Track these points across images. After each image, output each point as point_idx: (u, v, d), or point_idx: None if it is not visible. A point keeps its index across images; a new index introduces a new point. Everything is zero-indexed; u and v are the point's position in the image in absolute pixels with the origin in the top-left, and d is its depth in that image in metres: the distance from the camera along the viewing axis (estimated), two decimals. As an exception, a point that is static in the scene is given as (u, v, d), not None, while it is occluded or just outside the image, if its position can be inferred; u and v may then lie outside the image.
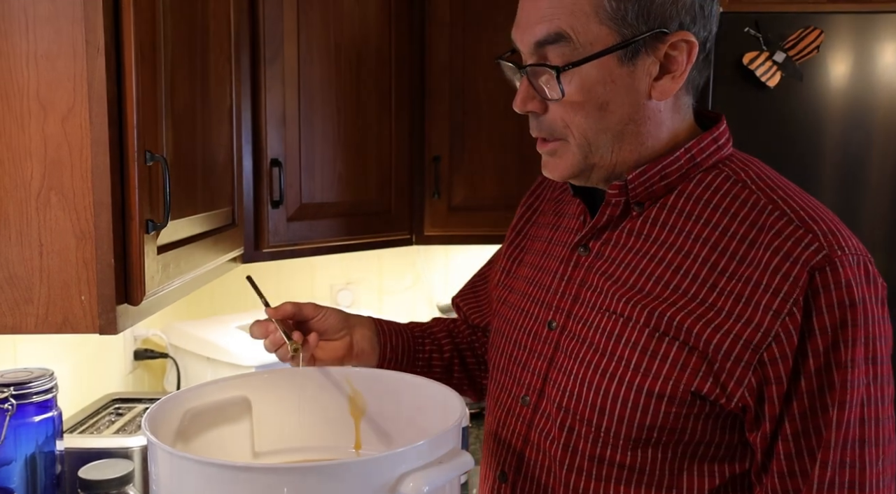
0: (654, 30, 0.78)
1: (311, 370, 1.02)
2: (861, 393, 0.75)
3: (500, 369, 0.97)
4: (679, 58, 0.80)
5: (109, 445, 1.25)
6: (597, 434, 0.83)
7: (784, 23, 1.49)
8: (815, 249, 0.75)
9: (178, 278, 1.07)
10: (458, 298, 1.19)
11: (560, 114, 0.82)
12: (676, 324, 0.78)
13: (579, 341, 0.85)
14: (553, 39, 0.79)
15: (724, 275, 0.77)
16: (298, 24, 1.56)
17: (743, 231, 0.78)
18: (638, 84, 0.80)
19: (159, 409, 0.84)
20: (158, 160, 0.95)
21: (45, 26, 0.87)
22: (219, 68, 1.29)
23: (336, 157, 1.67)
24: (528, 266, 0.99)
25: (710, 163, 0.84)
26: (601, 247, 0.87)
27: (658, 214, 0.84)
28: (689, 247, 0.81)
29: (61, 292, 0.89)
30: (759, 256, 0.76)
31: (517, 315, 0.95)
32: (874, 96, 1.55)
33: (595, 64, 0.79)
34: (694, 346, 0.77)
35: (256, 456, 0.97)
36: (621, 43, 0.78)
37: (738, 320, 0.75)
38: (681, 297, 0.79)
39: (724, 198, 0.81)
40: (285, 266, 2.16)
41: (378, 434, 1.00)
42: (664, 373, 0.78)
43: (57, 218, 0.89)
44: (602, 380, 0.82)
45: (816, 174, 1.59)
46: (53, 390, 1.09)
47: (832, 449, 0.75)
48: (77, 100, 0.87)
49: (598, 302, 0.85)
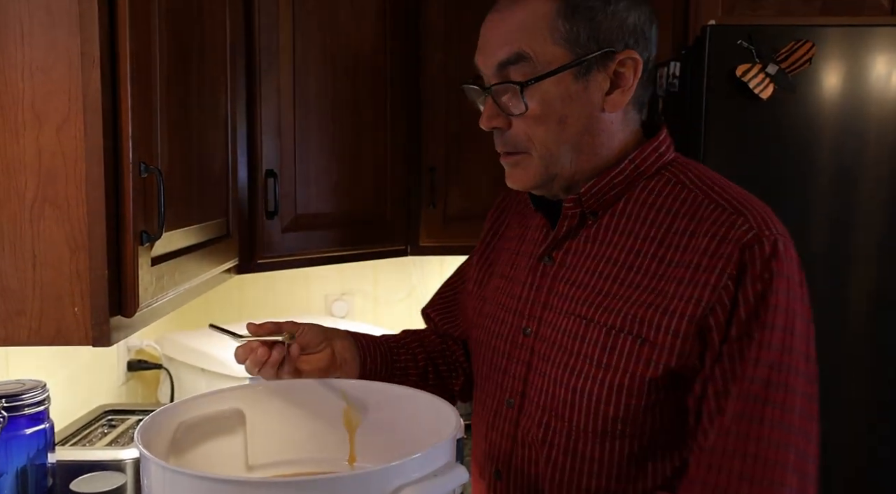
0: (604, 49, 0.88)
1: (306, 382, 1.01)
2: (772, 357, 0.81)
3: (484, 376, 1.04)
4: (627, 73, 0.89)
5: (102, 457, 1.24)
6: (569, 429, 0.90)
7: (777, 35, 1.50)
8: (746, 229, 0.83)
9: (172, 289, 1.06)
10: (428, 309, 1.23)
11: (523, 129, 0.90)
12: (630, 319, 0.86)
13: (550, 344, 0.93)
14: (515, 60, 0.88)
15: (670, 266, 0.86)
16: (294, 35, 1.57)
17: (684, 225, 0.87)
18: (592, 98, 0.89)
19: (152, 422, 0.83)
20: (153, 171, 0.95)
21: (40, 37, 0.87)
22: (214, 79, 1.29)
23: (331, 168, 1.67)
24: (498, 276, 1.06)
25: (654, 170, 0.93)
26: (563, 256, 0.96)
27: (610, 221, 0.93)
28: (638, 247, 0.89)
29: (54, 304, 0.89)
30: (698, 243, 0.84)
31: (493, 324, 1.02)
32: (866, 108, 1.56)
33: (553, 80, 0.87)
34: (646, 338, 0.85)
35: (250, 469, 0.96)
36: (575, 61, 0.87)
37: (681, 299, 0.83)
38: (633, 291, 0.87)
39: (666, 199, 0.90)
40: (280, 277, 2.16)
41: (372, 446, 0.99)
42: (622, 367, 0.86)
43: (51, 229, 0.88)
44: (571, 378, 0.90)
45: (809, 185, 1.59)
46: (45, 402, 1.09)
47: (734, 400, 0.81)
48: (72, 110, 0.87)
49: (564, 306, 0.93)
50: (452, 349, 1.19)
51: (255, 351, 0.98)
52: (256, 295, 2.16)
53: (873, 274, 1.63)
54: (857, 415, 1.69)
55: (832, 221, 1.61)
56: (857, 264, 1.63)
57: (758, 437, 0.80)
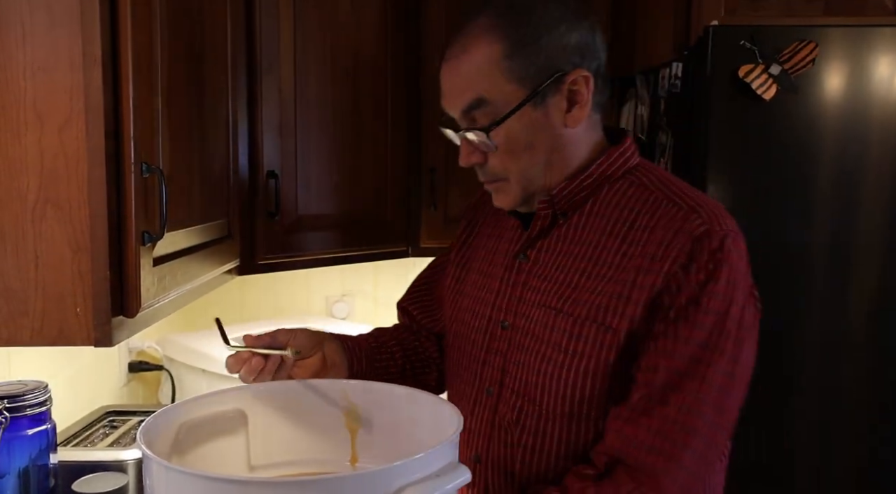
0: (554, 75, 0.94)
1: (308, 383, 1.01)
2: (702, 336, 0.89)
3: (463, 367, 1.09)
4: (581, 90, 0.96)
5: (103, 458, 1.24)
6: (540, 412, 0.97)
7: (779, 36, 1.49)
8: (699, 223, 0.91)
9: (174, 290, 1.06)
10: (406, 303, 1.28)
11: (498, 162, 0.98)
12: (595, 308, 0.93)
13: (526, 335, 1.00)
14: (476, 105, 0.95)
15: (632, 258, 0.93)
16: (295, 36, 1.57)
17: (645, 221, 0.94)
18: (553, 120, 0.96)
19: (154, 422, 0.83)
20: (155, 171, 0.95)
21: (42, 37, 0.87)
22: (216, 79, 1.29)
23: (332, 169, 1.67)
24: (476, 272, 1.12)
25: (620, 174, 1.00)
26: (537, 253, 1.02)
27: (579, 220, 1.00)
28: (604, 242, 0.96)
29: (57, 304, 0.89)
30: (656, 237, 0.92)
31: (472, 318, 1.08)
32: (869, 109, 1.55)
33: (515, 116, 0.94)
34: (609, 325, 0.92)
35: (252, 470, 0.96)
36: (531, 94, 0.94)
37: (639, 287, 0.91)
38: (598, 283, 0.94)
39: (630, 199, 0.97)
40: (280, 278, 2.16)
41: (374, 447, 0.99)
42: (587, 352, 0.93)
43: (53, 229, 0.88)
44: (542, 364, 0.97)
45: (812, 185, 1.59)
46: (47, 402, 1.08)
47: (662, 372, 0.89)
48: (74, 111, 0.87)
49: (538, 299, 1.00)
50: (425, 345, 1.23)
51: (250, 361, 0.99)
52: (257, 296, 2.16)
53: (875, 274, 1.63)
54: (858, 416, 1.68)
55: (834, 222, 1.60)
56: (859, 265, 1.63)
57: (675, 403, 0.88)
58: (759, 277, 0.95)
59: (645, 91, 1.81)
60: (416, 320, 1.26)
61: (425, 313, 1.25)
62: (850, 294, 1.64)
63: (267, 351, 1.00)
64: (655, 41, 1.82)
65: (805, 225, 1.59)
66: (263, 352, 1.00)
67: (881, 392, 1.68)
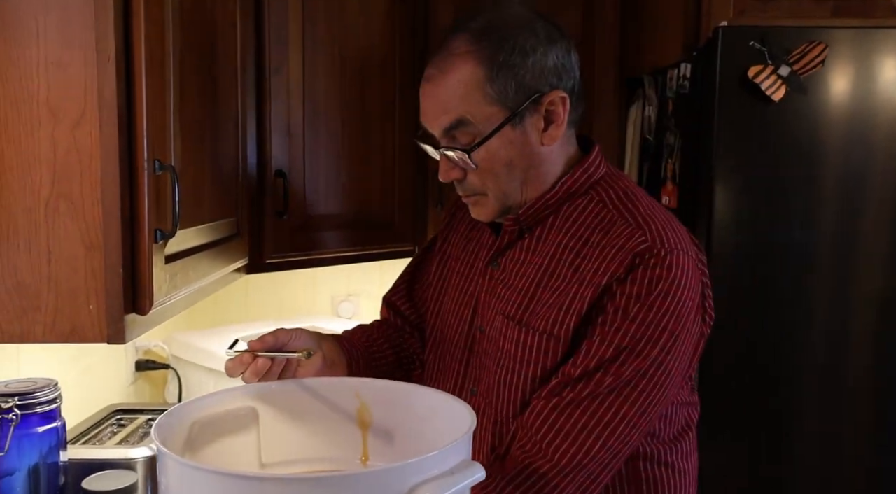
0: (532, 97, 0.97)
1: (319, 380, 1.01)
2: (622, 341, 0.92)
3: (445, 366, 1.13)
4: (557, 110, 0.99)
5: (113, 456, 1.23)
6: (496, 415, 1.02)
7: (789, 37, 1.49)
8: (641, 240, 0.95)
9: (185, 288, 1.06)
10: (394, 297, 1.29)
11: (477, 179, 1.01)
12: (542, 318, 0.98)
13: (491, 342, 1.05)
14: (456, 125, 0.98)
15: (578, 271, 0.98)
16: (304, 35, 1.57)
17: (597, 238, 0.98)
18: (530, 139, 1.00)
19: (168, 419, 0.83)
20: (167, 169, 0.95)
21: (55, 34, 0.87)
22: (225, 78, 1.29)
23: (340, 168, 1.67)
24: (456, 274, 1.16)
25: (584, 190, 1.04)
26: (506, 263, 1.07)
27: (541, 233, 1.04)
28: (560, 255, 1.00)
29: (69, 300, 0.89)
30: (603, 253, 0.96)
31: (454, 319, 1.12)
32: (876, 110, 1.55)
33: (495, 136, 0.97)
34: (551, 333, 0.97)
35: (263, 467, 0.96)
36: (510, 115, 0.97)
37: (579, 299, 0.96)
38: (550, 295, 0.99)
39: (587, 216, 1.01)
40: (286, 277, 2.16)
41: (385, 445, 0.98)
42: (533, 359, 0.98)
43: (66, 225, 0.88)
44: (500, 372, 1.02)
45: (820, 186, 1.59)
46: (58, 400, 1.08)
47: (577, 367, 0.94)
48: (87, 107, 0.87)
49: (498, 307, 1.04)
50: (409, 342, 1.26)
51: (256, 362, 0.99)
52: (262, 296, 2.16)
53: (880, 275, 1.63)
54: (862, 416, 1.68)
55: (842, 222, 1.60)
56: (864, 266, 1.63)
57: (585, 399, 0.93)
58: (764, 277, 0.96)
59: (653, 92, 1.81)
60: (402, 314, 1.27)
61: (409, 308, 1.27)
62: (855, 294, 1.63)
63: (278, 354, 0.99)
64: (664, 42, 1.82)
65: (812, 225, 1.58)
66: (272, 355, 0.99)
67: (886, 391, 1.68)
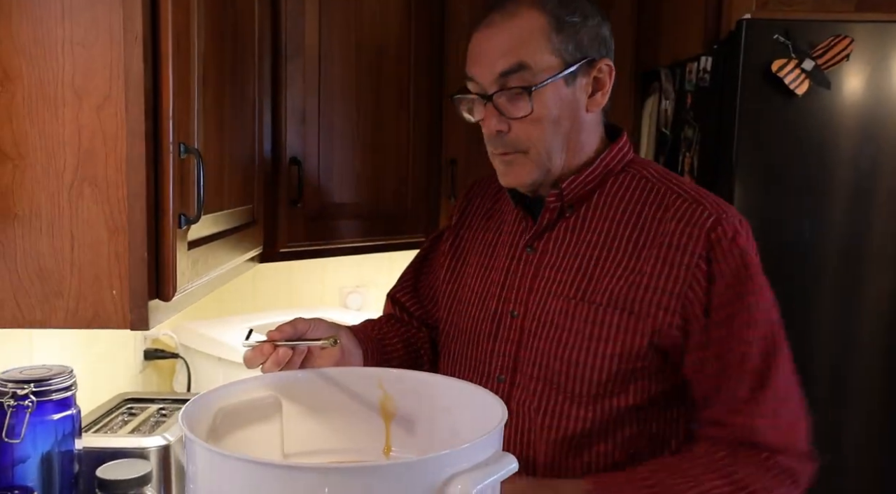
0: (587, 58, 1.01)
1: (342, 370, 1.00)
2: (758, 316, 0.96)
3: (465, 357, 1.12)
4: (604, 78, 1.04)
5: (126, 445, 1.22)
6: (565, 395, 1.02)
7: (812, 31, 1.48)
8: (707, 215, 0.98)
9: (206, 275, 1.04)
10: (399, 294, 1.29)
11: (523, 131, 1.01)
12: (615, 295, 0.99)
13: (541, 323, 1.04)
14: (516, 68, 0.99)
15: (644, 248, 0.99)
16: (320, 22, 1.55)
17: (653, 212, 1.01)
18: (578, 100, 1.03)
19: (194, 407, 0.81)
20: (192, 152, 0.93)
21: (81, 13, 0.85)
22: (244, 63, 1.27)
23: (354, 157, 1.65)
24: (474, 265, 1.15)
25: (620, 168, 1.07)
26: (544, 245, 1.07)
27: (586, 213, 1.05)
28: (614, 232, 1.02)
29: (92, 286, 0.87)
30: (667, 227, 0.99)
31: (473, 309, 1.11)
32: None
33: (550, 86, 0.99)
34: (630, 311, 0.98)
35: (286, 457, 0.95)
36: (566, 68, 1.00)
37: (659, 276, 0.97)
38: (614, 272, 1.00)
39: (634, 192, 1.04)
40: (296, 267, 2.14)
41: (408, 435, 0.97)
42: (612, 337, 0.99)
43: (90, 209, 0.86)
44: (565, 351, 1.01)
45: (841, 183, 1.58)
46: (73, 387, 1.07)
47: (727, 352, 0.96)
48: (113, 88, 0.85)
49: (551, 289, 1.04)
50: (417, 336, 1.25)
51: (277, 352, 0.98)
52: (271, 286, 2.15)
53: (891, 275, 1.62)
54: (869, 414, 1.68)
55: (861, 221, 1.59)
56: (877, 263, 1.62)
57: (773, 382, 0.96)
58: (781, 273, 0.97)
59: (670, 85, 1.79)
60: (408, 310, 1.27)
61: (417, 304, 1.27)
62: (869, 293, 1.62)
63: (300, 342, 0.98)
64: (683, 35, 1.80)
65: (835, 221, 1.57)
66: (295, 343, 0.98)
67: (892, 390, 1.67)
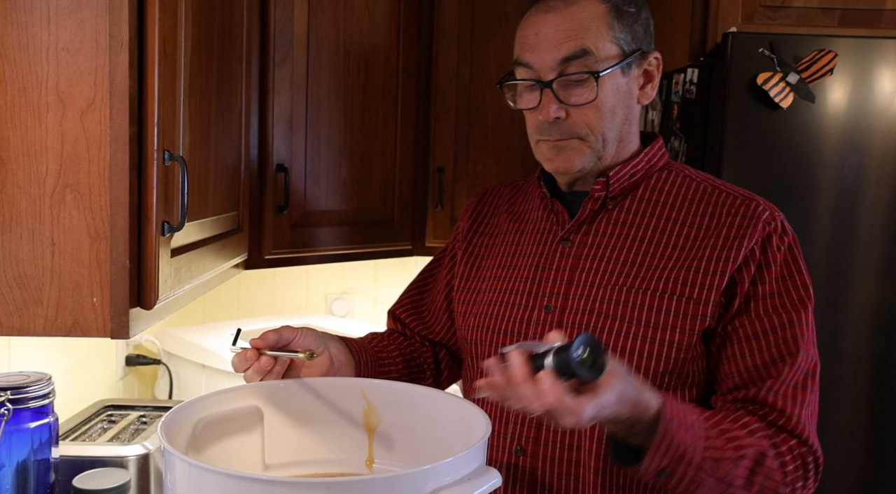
0: (641, 49, 1.02)
1: (325, 381, 0.99)
2: (808, 306, 0.98)
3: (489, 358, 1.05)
4: (653, 71, 1.04)
5: (104, 453, 1.20)
6: None
7: (797, 45, 1.50)
8: (762, 209, 1.00)
9: (189, 283, 1.03)
10: (399, 311, 1.27)
11: (581, 118, 1.00)
12: (672, 281, 0.98)
13: (585, 314, 1.01)
14: (579, 54, 0.98)
15: (696, 240, 1.00)
16: (308, 28, 1.54)
17: (702, 208, 1.02)
18: (632, 91, 1.03)
19: (174, 417, 0.80)
20: (177, 160, 0.92)
21: (66, 18, 0.84)
22: (232, 70, 1.27)
23: (341, 164, 1.64)
24: (494, 267, 1.12)
25: (661, 165, 1.08)
26: (582, 238, 1.05)
27: (630, 205, 1.05)
28: (662, 226, 1.02)
29: (72, 293, 0.86)
30: (722, 221, 1.00)
31: (501, 309, 1.08)
32: (881, 119, 1.56)
33: (610, 74, 0.99)
34: (689, 295, 0.97)
35: (267, 469, 0.94)
36: (625, 57, 1.00)
37: (717, 260, 0.97)
38: (667, 260, 0.99)
39: (679, 188, 1.05)
40: (280, 274, 2.13)
41: (390, 448, 0.97)
42: (671, 323, 0.97)
43: (71, 216, 0.85)
44: (618, 340, 0.98)
45: (826, 194, 1.59)
46: (51, 395, 1.05)
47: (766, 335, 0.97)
48: (98, 94, 0.84)
49: (595, 279, 1.02)
50: (420, 350, 1.24)
51: (259, 360, 0.96)
52: (255, 293, 2.13)
53: (875, 285, 1.63)
54: (853, 426, 1.69)
55: (852, 226, 1.60)
56: (861, 274, 1.63)
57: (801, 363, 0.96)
58: None
59: (657, 96, 1.80)
60: (409, 327, 1.26)
61: (418, 320, 1.25)
62: (853, 303, 1.64)
63: (281, 353, 0.97)
64: (671, 47, 1.81)
65: (819, 232, 1.58)
66: (276, 353, 0.97)
67: (875, 401, 1.68)
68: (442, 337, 1.24)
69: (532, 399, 0.75)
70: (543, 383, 0.75)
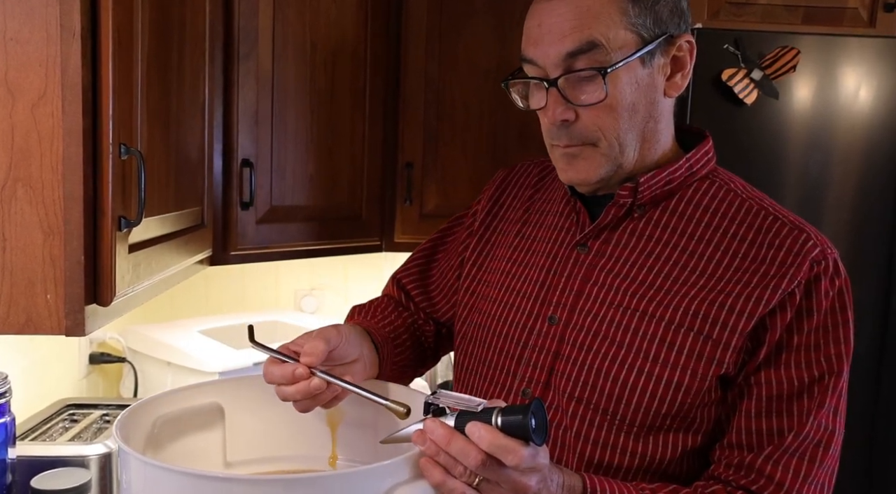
0: (666, 33, 0.87)
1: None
2: (844, 368, 0.86)
3: (488, 364, 0.99)
4: (684, 57, 0.89)
5: (64, 453, 1.18)
6: (612, 422, 0.88)
7: (762, 41, 1.51)
8: (812, 245, 0.86)
9: (148, 279, 1.02)
10: (406, 280, 1.16)
11: (592, 120, 0.87)
12: (692, 315, 0.85)
13: (589, 333, 0.90)
14: (587, 48, 0.85)
15: (729, 269, 0.86)
16: (274, 21, 1.53)
17: (742, 232, 0.88)
18: (656, 83, 0.89)
19: (131, 415, 0.79)
20: (134, 154, 0.90)
21: (15, 6, 0.82)
22: (194, 63, 1.25)
23: (308, 160, 1.63)
24: (503, 260, 1.02)
25: (704, 173, 0.94)
26: (601, 245, 0.93)
27: (660, 217, 0.91)
28: (692, 247, 0.89)
29: (25, 290, 0.84)
30: (762, 253, 0.86)
31: (503, 310, 0.98)
32: (842, 115, 1.58)
33: (624, 67, 0.85)
34: (709, 335, 0.84)
35: (228, 466, 0.93)
36: (644, 46, 0.86)
37: (748, 299, 0.84)
38: (689, 289, 0.86)
39: (720, 203, 0.91)
40: (249, 270, 2.10)
41: (355, 444, 0.96)
42: (682, 363, 0.85)
43: (23, 211, 0.83)
44: (620, 370, 0.87)
45: (791, 190, 1.61)
46: (7, 394, 1.03)
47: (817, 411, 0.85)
48: (49, 86, 0.82)
49: (606, 297, 0.90)
50: (423, 329, 1.14)
51: (310, 382, 0.83)
52: (223, 288, 2.11)
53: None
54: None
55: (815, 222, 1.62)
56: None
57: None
58: None
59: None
60: (414, 300, 1.15)
61: (423, 295, 1.15)
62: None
63: (354, 390, 0.82)
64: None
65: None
66: (343, 385, 0.83)
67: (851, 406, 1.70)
68: (448, 318, 1.13)
69: (468, 451, 0.69)
70: (474, 432, 0.69)
